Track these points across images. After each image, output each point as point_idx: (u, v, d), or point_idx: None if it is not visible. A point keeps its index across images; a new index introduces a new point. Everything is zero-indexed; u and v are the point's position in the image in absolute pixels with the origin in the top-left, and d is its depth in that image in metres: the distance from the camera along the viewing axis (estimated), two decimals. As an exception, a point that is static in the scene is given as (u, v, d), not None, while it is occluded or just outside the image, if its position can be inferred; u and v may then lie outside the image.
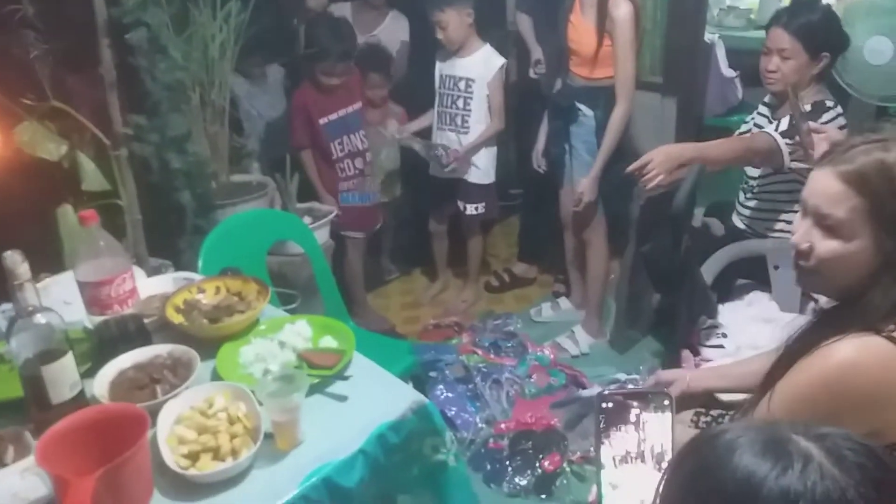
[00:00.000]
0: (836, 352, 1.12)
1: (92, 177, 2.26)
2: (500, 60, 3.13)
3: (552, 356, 2.94)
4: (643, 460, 1.02)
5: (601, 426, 1.03)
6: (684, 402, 1.61)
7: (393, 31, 3.45)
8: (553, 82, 2.96)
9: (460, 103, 3.17)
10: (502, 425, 2.56)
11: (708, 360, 2.07)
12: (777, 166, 2.25)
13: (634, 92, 2.72)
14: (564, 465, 2.39)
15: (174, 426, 1.28)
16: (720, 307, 2.25)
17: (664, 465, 1.01)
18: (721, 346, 2.11)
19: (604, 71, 2.71)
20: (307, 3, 3.34)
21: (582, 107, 2.80)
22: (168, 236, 2.41)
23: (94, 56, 2.20)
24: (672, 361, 2.19)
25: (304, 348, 1.54)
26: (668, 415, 1.03)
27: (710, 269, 2.31)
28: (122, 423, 1.18)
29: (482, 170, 3.27)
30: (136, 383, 1.39)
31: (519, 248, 3.78)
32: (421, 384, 2.51)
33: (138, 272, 1.82)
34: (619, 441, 1.03)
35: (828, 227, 1.16)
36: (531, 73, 3.29)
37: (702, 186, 2.41)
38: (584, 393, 1.83)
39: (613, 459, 1.02)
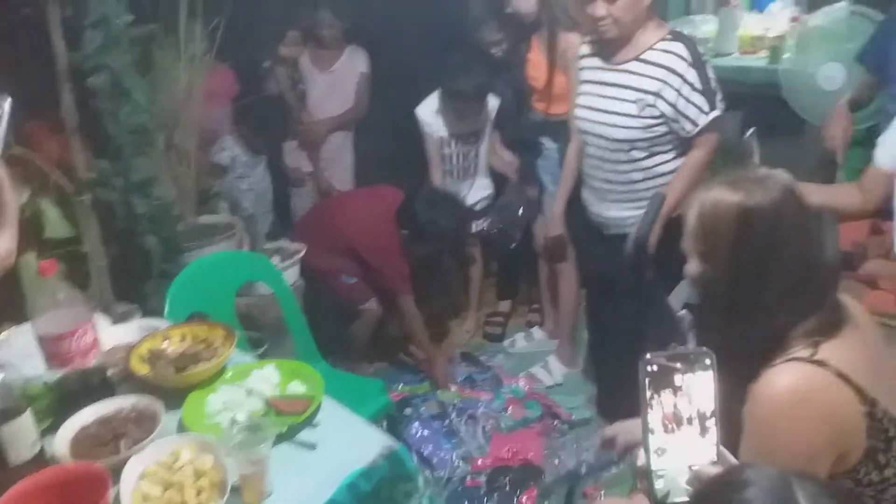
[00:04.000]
0: (773, 384, 1.13)
1: (55, 224, 2.24)
2: (494, 101, 3.12)
3: (527, 388, 2.93)
4: (690, 423, 1.02)
5: (647, 391, 1.02)
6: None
7: (351, 66, 3.53)
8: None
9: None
10: (479, 462, 2.54)
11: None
12: None
13: None
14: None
15: (139, 482, 1.24)
16: (690, 335, 2.26)
17: (708, 424, 1.01)
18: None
19: (560, 107, 2.75)
20: (280, 52, 3.42)
21: (545, 140, 2.83)
22: (135, 281, 2.38)
23: (56, 101, 2.18)
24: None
25: (272, 395, 1.52)
26: (711, 373, 1.02)
27: (678, 297, 2.31)
28: (82, 483, 1.16)
29: (486, 183, 3.28)
30: (98, 439, 1.36)
31: (497, 289, 3.63)
32: (395, 423, 2.49)
33: (103, 320, 1.79)
34: (666, 404, 1.02)
35: None
36: None
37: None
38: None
39: (663, 424, 1.01)
